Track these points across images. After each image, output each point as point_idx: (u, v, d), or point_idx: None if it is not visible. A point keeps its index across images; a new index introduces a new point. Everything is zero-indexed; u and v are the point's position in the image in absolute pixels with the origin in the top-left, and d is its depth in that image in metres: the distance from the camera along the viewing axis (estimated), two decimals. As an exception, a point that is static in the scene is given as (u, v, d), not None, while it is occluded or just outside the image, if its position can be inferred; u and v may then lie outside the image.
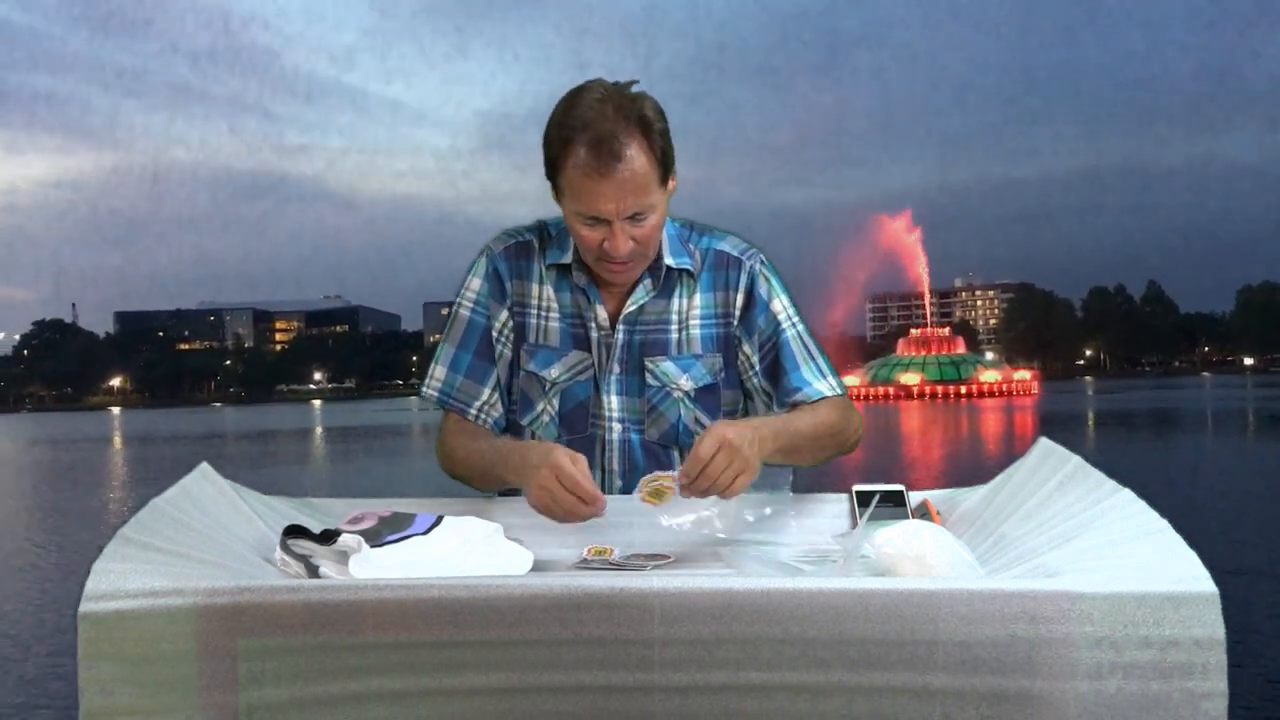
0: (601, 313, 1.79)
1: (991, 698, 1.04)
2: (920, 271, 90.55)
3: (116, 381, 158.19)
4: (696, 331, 1.81)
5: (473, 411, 1.82)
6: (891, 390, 59.17)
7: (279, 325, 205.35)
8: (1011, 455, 1.57)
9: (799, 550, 1.52)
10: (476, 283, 1.83)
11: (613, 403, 1.81)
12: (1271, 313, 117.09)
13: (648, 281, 1.79)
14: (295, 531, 1.37)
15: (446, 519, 1.45)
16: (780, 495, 1.60)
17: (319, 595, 1.07)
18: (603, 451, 1.81)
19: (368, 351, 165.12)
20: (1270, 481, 13.09)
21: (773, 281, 1.83)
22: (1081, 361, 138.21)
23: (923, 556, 1.26)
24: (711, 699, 1.06)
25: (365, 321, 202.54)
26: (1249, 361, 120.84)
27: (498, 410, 1.84)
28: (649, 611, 1.05)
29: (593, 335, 1.80)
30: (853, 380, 58.79)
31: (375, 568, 1.31)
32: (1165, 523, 1.16)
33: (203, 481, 1.44)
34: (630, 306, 1.79)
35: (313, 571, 1.32)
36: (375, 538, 1.36)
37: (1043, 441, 1.50)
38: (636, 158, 1.61)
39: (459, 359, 1.83)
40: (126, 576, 1.08)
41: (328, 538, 1.35)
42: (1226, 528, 9.01)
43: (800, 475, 1.71)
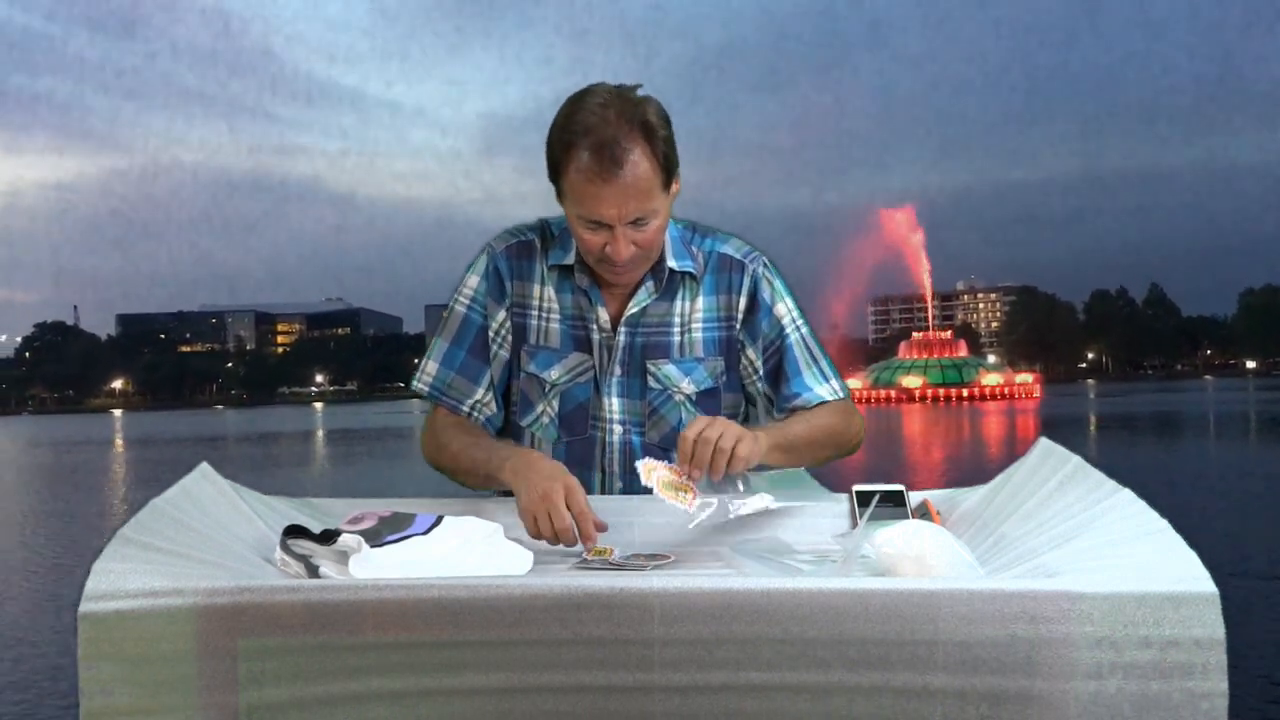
0: (603, 314, 1.79)
1: (991, 698, 1.04)
2: (922, 268, 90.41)
3: (118, 384, 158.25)
4: (699, 335, 1.81)
5: (465, 408, 1.82)
6: (893, 393, 59.11)
7: (280, 327, 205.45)
8: (1013, 458, 1.56)
9: (799, 550, 1.52)
10: (475, 280, 1.83)
11: (613, 405, 1.80)
12: (1274, 316, 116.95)
13: (650, 284, 1.78)
14: (295, 531, 1.37)
15: (446, 519, 1.45)
16: (803, 482, 1.60)
17: (319, 595, 1.07)
18: (602, 453, 1.81)
19: (369, 354, 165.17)
20: (1273, 484, 13.06)
21: (776, 285, 1.83)
22: (1083, 365, 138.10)
23: (923, 556, 1.26)
24: (711, 699, 1.06)
25: (367, 324, 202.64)
26: (1251, 365, 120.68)
27: (492, 409, 1.83)
28: (649, 611, 1.05)
29: (594, 337, 1.80)
30: (854, 383, 58.72)
31: (375, 568, 1.31)
32: (1165, 523, 1.16)
33: (203, 481, 1.44)
34: (632, 309, 1.78)
35: (313, 571, 1.33)
36: (375, 538, 1.36)
37: (1043, 441, 1.50)
38: (639, 163, 1.60)
39: (452, 355, 1.83)
40: (126, 576, 1.08)
41: (328, 538, 1.35)
42: (1229, 530, 9.00)
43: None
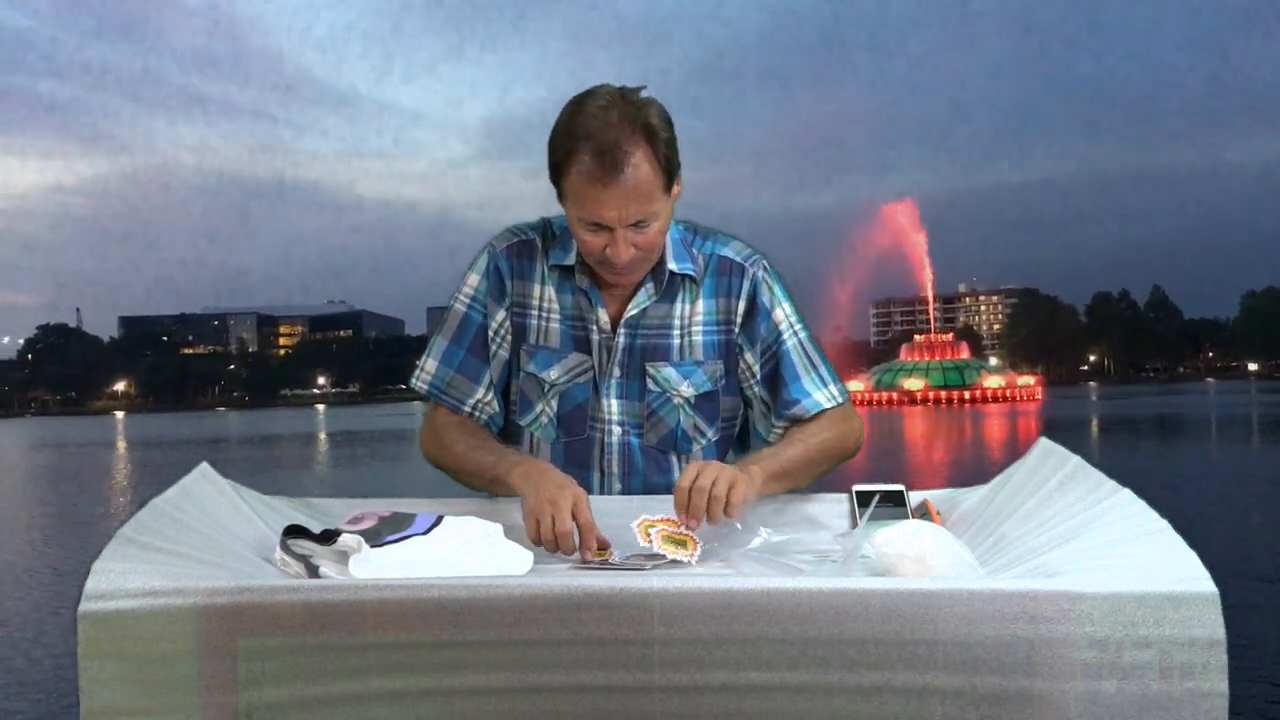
0: (603, 315, 1.78)
1: (991, 698, 1.04)
2: (924, 265, 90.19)
3: (120, 386, 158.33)
4: (698, 338, 1.80)
5: (467, 408, 1.82)
6: (895, 395, 59.06)
7: (283, 330, 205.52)
8: (1014, 460, 1.56)
9: (799, 550, 1.52)
10: (475, 279, 1.82)
11: (612, 406, 1.79)
12: (1276, 318, 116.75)
13: (650, 286, 1.77)
14: (295, 531, 1.37)
15: (446, 519, 1.45)
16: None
17: (319, 595, 1.07)
18: (601, 454, 1.80)
19: (371, 356, 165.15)
20: (1276, 487, 13.05)
21: (775, 289, 1.82)
22: (1085, 367, 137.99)
23: (923, 556, 1.26)
24: (711, 699, 1.06)
25: (369, 326, 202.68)
26: (1253, 367, 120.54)
27: (494, 408, 1.83)
28: (649, 611, 1.05)
29: (593, 338, 1.79)
30: (856, 385, 58.68)
31: (375, 568, 1.31)
32: (1165, 523, 1.16)
33: (203, 481, 1.44)
34: (632, 310, 1.78)
35: (313, 571, 1.33)
36: (375, 538, 1.36)
37: (1043, 441, 1.50)
38: (640, 166, 1.60)
39: (451, 353, 1.82)
40: (126, 576, 1.08)
41: (328, 538, 1.35)
42: (1231, 532, 8.99)
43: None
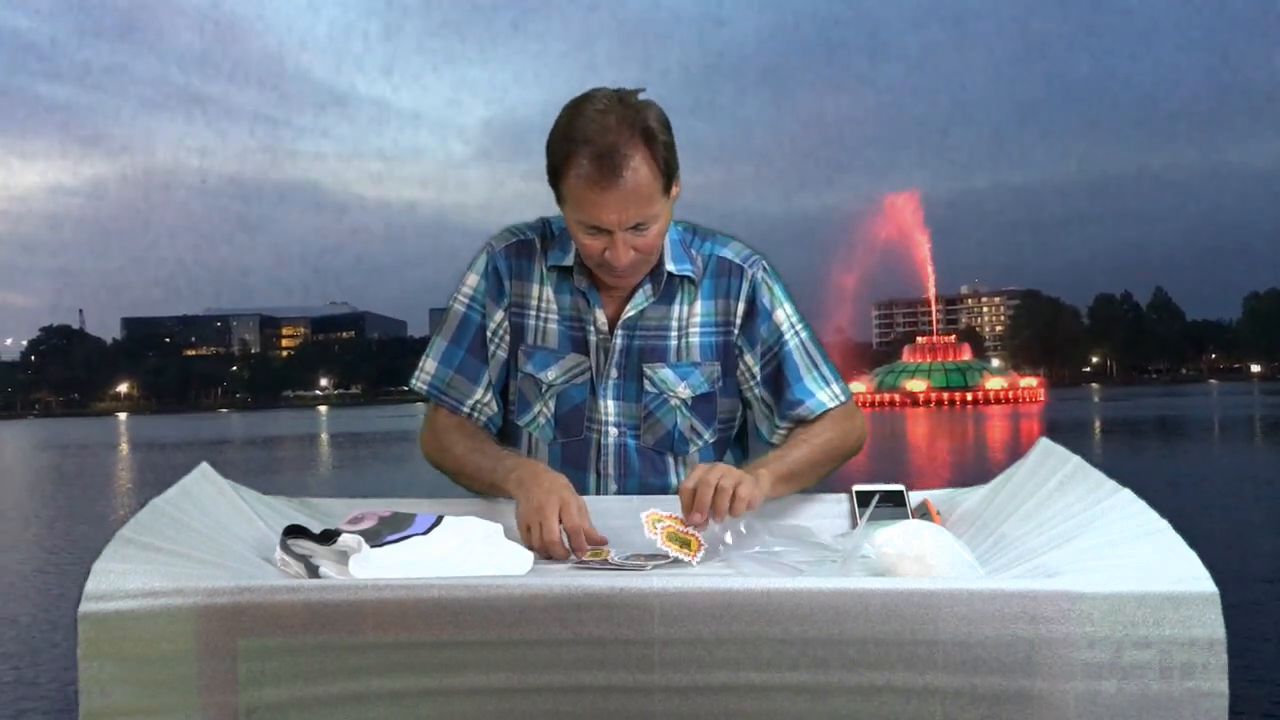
0: (601, 316, 1.78)
1: (991, 698, 1.04)
2: (926, 264, 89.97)
3: (123, 387, 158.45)
4: (696, 339, 1.80)
5: (466, 408, 1.82)
6: (897, 397, 59.02)
7: (285, 331, 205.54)
8: (1016, 461, 1.56)
9: (799, 550, 1.51)
10: (474, 279, 1.83)
11: (609, 407, 1.79)
12: (1279, 320, 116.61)
13: (648, 287, 1.77)
14: (295, 531, 1.37)
15: (446, 519, 1.44)
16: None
17: (319, 595, 1.07)
18: (598, 455, 1.80)
19: (374, 357, 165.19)
20: (1277, 488, 13.04)
21: (775, 289, 1.81)
22: (1088, 369, 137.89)
23: (923, 556, 1.25)
24: (711, 699, 1.06)
25: (371, 327, 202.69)
26: (1256, 369, 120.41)
27: (493, 409, 1.83)
28: (649, 611, 1.05)
29: (591, 339, 1.79)
30: (858, 387, 58.63)
31: (375, 568, 1.31)
32: (1165, 523, 1.16)
33: (203, 481, 1.44)
34: (630, 311, 1.77)
35: (313, 571, 1.32)
36: (375, 538, 1.36)
37: (1043, 441, 1.50)
38: (639, 169, 1.59)
39: (451, 354, 1.82)
40: (126, 576, 1.08)
41: (328, 538, 1.35)
42: (1233, 533, 8.98)
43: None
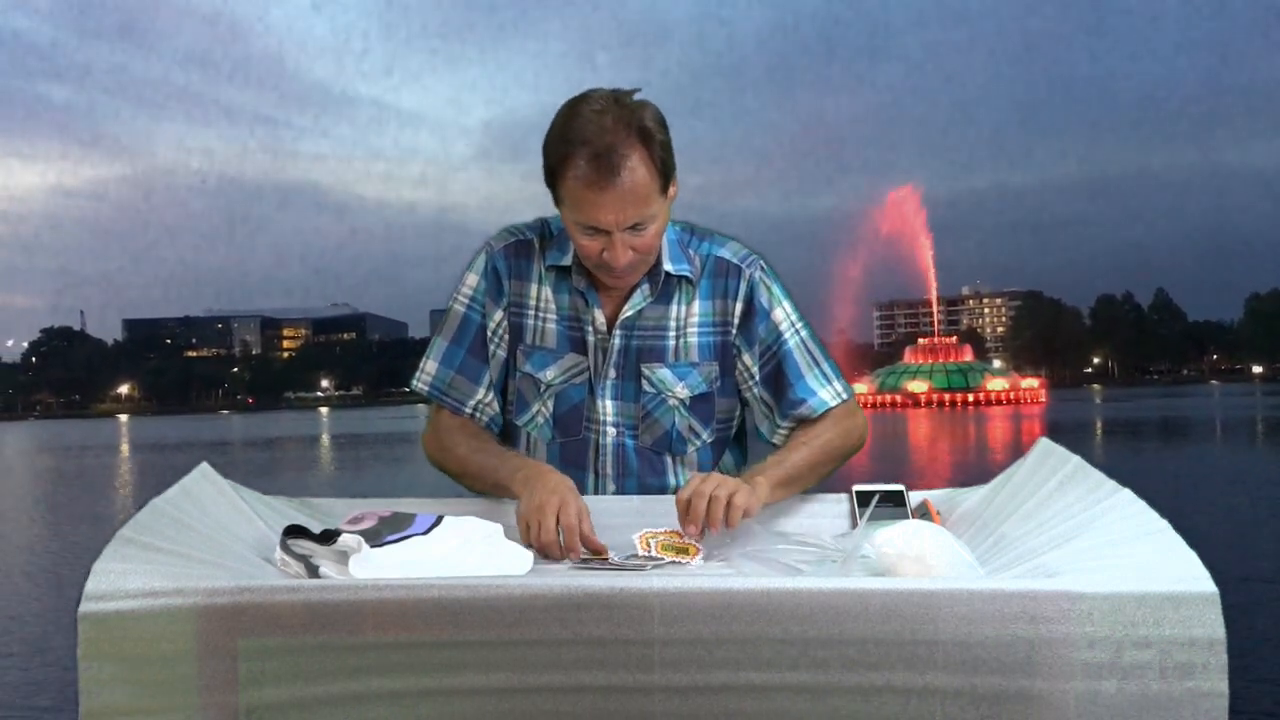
0: (599, 316, 1.78)
1: (991, 698, 1.03)
2: (928, 265, 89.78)
3: (124, 389, 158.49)
4: (694, 339, 1.79)
5: (468, 409, 1.81)
6: (898, 398, 58.99)
7: (286, 332, 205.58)
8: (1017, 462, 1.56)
9: (799, 550, 1.51)
10: (474, 279, 1.83)
11: (607, 407, 1.79)
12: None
13: (645, 287, 1.77)
14: (295, 531, 1.37)
15: (446, 519, 1.44)
16: None
17: (319, 595, 1.07)
18: (596, 455, 1.80)
19: (375, 359, 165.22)
20: (1278, 489, 13.03)
21: (774, 289, 1.81)
22: (1089, 369, 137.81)
23: (923, 556, 1.25)
24: (711, 699, 1.06)
25: (372, 329, 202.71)
26: (1258, 370, 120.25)
27: (494, 409, 1.83)
28: (649, 611, 1.05)
29: (589, 339, 1.79)
30: (860, 388, 58.59)
31: (375, 568, 1.31)
32: (1165, 523, 1.16)
33: (203, 481, 1.44)
34: (628, 311, 1.77)
35: (313, 571, 1.32)
36: (375, 538, 1.36)
37: (1043, 441, 1.50)
38: (637, 169, 1.59)
39: (451, 354, 1.82)
40: (126, 576, 1.08)
41: (328, 538, 1.35)
42: (1235, 534, 8.98)
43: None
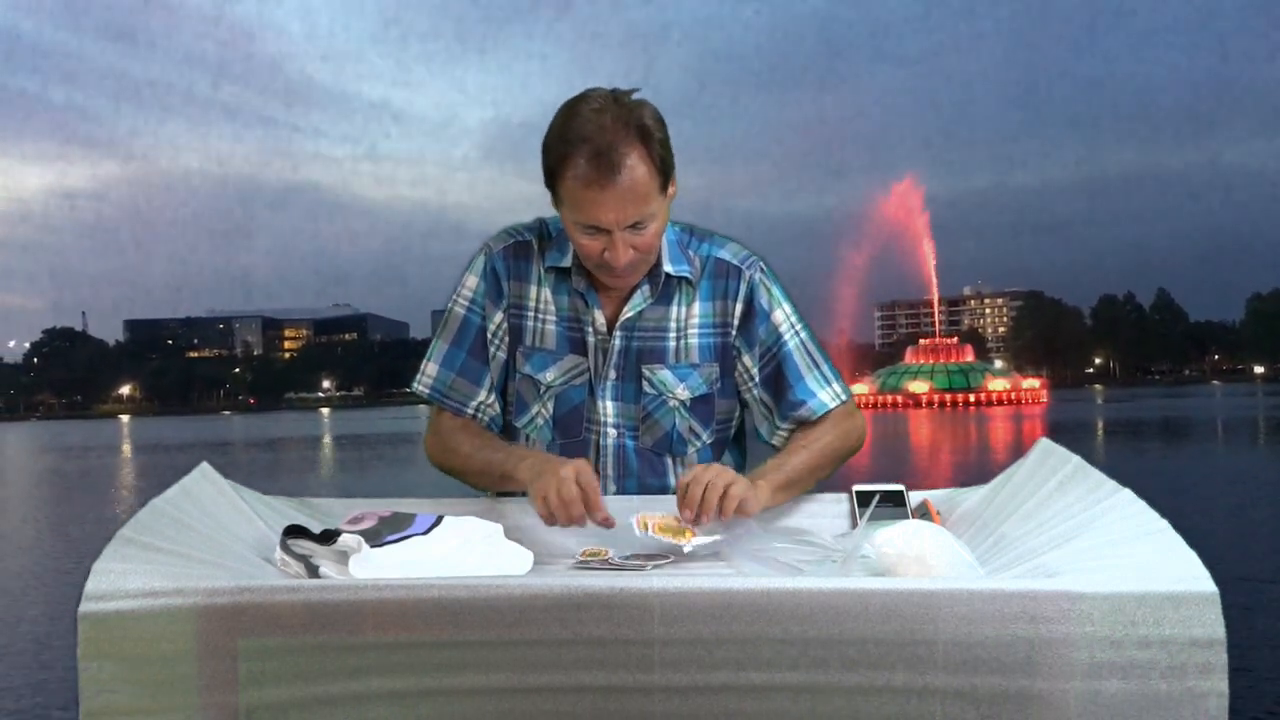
0: (599, 317, 1.77)
1: (991, 698, 1.03)
2: (929, 265, 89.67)
3: (126, 389, 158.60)
4: (694, 340, 1.79)
5: (470, 410, 1.81)
6: (899, 398, 58.96)
7: (288, 333, 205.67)
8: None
9: (799, 550, 1.51)
10: (474, 281, 1.82)
11: (608, 408, 1.79)
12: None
13: (645, 288, 1.77)
14: (295, 531, 1.37)
15: (446, 519, 1.45)
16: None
17: (319, 595, 1.07)
18: (597, 456, 1.79)
19: (376, 359, 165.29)
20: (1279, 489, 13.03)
21: (773, 290, 1.81)
22: (1090, 370, 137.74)
23: (923, 556, 1.25)
24: (712, 699, 1.06)
25: (373, 329, 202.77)
26: (1259, 370, 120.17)
27: (495, 410, 1.83)
28: (649, 611, 1.05)
29: (589, 340, 1.79)
30: (861, 388, 58.59)
31: (375, 568, 1.31)
32: (1165, 523, 1.16)
33: (203, 481, 1.44)
34: (628, 313, 1.77)
35: (313, 571, 1.33)
36: (375, 538, 1.36)
37: (1043, 442, 1.50)
38: (636, 168, 1.59)
39: (452, 356, 1.82)
40: (126, 576, 1.08)
41: (328, 538, 1.35)
42: (1236, 534, 8.98)
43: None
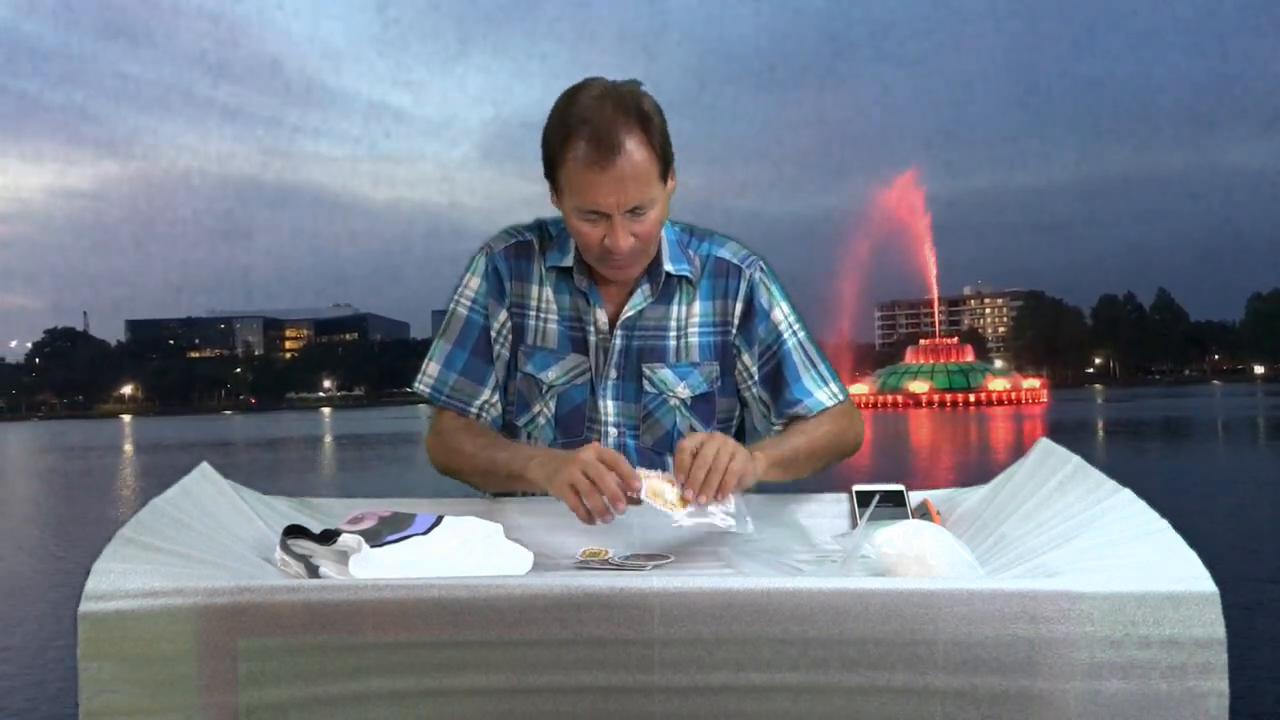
0: (601, 316, 1.78)
1: (991, 698, 1.03)
2: (929, 265, 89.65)
3: (127, 389, 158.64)
4: (695, 339, 1.80)
5: (473, 409, 1.81)
6: (900, 398, 58.95)
7: (288, 333, 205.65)
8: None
9: (799, 550, 1.51)
10: (476, 281, 1.82)
11: (609, 407, 1.79)
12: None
13: (646, 287, 1.77)
14: (295, 531, 1.37)
15: (446, 519, 1.44)
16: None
17: (319, 595, 1.07)
18: None
19: (376, 359, 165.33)
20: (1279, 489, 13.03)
21: (773, 289, 1.81)
22: (1091, 370, 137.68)
23: (923, 556, 1.25)
24: (712, 699, 1.06)
25: (374, 329, 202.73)
26: (1259, 370, 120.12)
27: (497, 409, 1.83)
28: (649, 611, 1.05)
29: (591, 339, 1.79)
30: (861, 388, 58.61)
31: (375, 568, 1.31)
32: (1165, 523, 1.16)
33: (203, 481, 1.44)
34: (628, 311, 1.77)
35: (313, 571, 1.32)
36: (375, 538, 1.36)
37: (1043, 442, 1.50)
38: (636, 150, 1.60)
39: (454, 357, 1.82)
40: (126, 576, 1.08)
41: (328, 538, 1.35)
42: (1237, 534, 8.98)
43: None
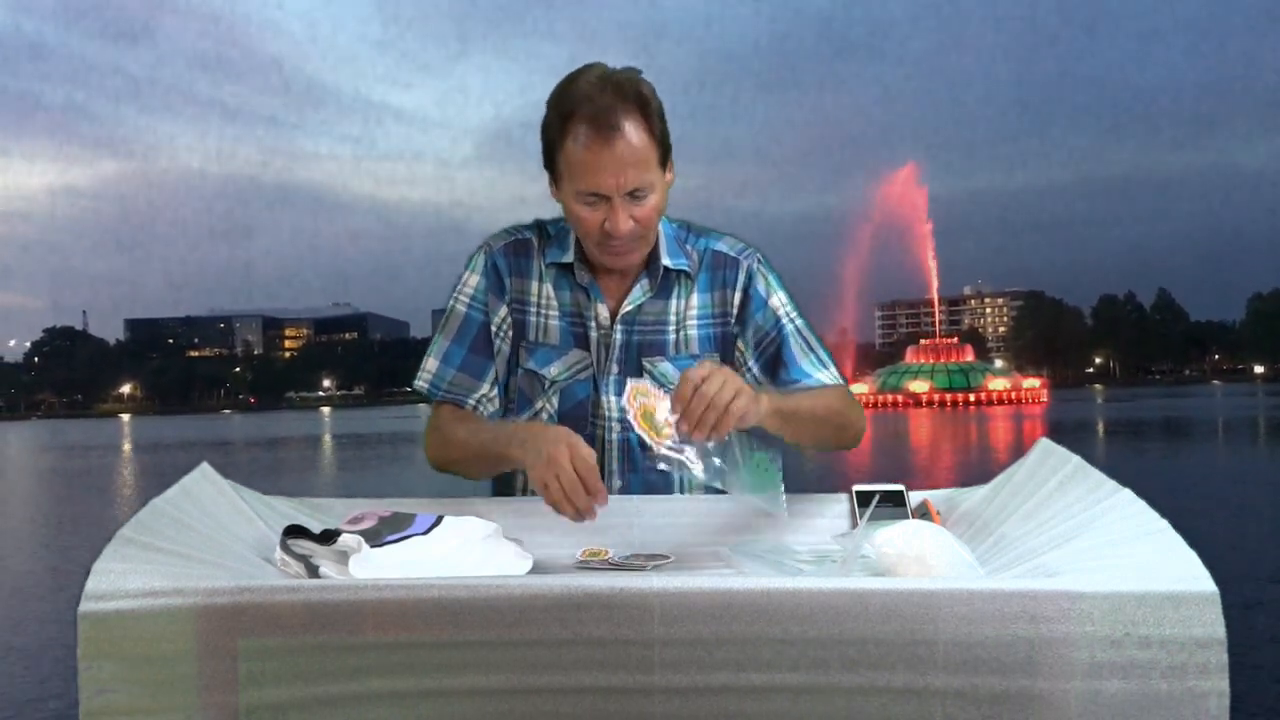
0: (602, 311, 1.79)
1: (991, 698, 1.03)
2: (929, 264, 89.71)
3: (127, 388, 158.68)
4: (694, 332, 1.81)
5: (470, 403, 1.81)
6: (900, 398, 58.97)
7: (288, 332, 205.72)
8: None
9: (799, 550, 1.51)
10: (475, 279, 1.83)
11: (611, 402, 1.80)
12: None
13: (645, 282, 1.78)
14: (295, 531, 1.37)
15: (446, 519, 1.44)
16: (774, 498, 1.56)
17: (319, 595, 1.07)
18: (602, 451, 1.79)
19: (376, 358, 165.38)
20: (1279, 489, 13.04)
21: (770, 278, 1.83)
22: (1091, 369, 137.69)
23: (923, 556, 1.25)
24: (712, 700, 1.06)
25: (374, 328, 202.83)
26: (1259, 370, 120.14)
27: (495, 404, 1.83)
28: (649, 611, 1.05)
29: (592, 334, 1.80)
30: (861, 388, 58.60)
31: (375, 568, 1.31)
32: (1165, 522, 1.15)
33: (203, 481, 1.44)
34: (628, 306, 1.78)
35: (313, 571, 1.32)
36: (375, 538, 1.36)
37: (1043, 442, 1.50)
38: (635, 133, 1.62)
39: (452, 353, 1.82)
40: (126, 576, 1.08)
41: (328, 538, 1.35)
42: (1238, 534, 8.98)
43: (801, 475, 1.69)
